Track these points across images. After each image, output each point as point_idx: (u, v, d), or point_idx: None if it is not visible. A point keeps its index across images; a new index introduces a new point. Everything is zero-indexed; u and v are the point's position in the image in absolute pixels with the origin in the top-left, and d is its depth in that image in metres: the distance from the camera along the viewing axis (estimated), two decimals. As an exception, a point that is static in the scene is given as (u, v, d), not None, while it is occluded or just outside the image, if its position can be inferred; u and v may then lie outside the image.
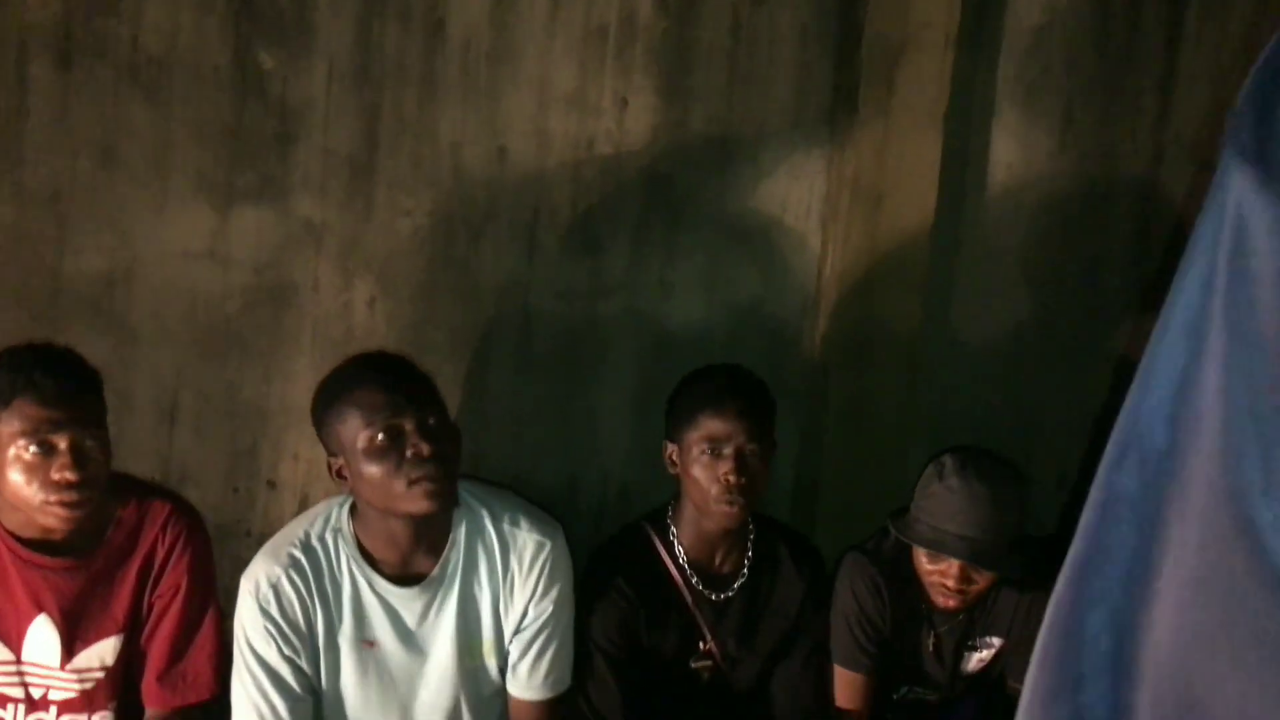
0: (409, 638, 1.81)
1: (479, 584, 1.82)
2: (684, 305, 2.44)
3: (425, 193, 2.29)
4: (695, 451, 1.90)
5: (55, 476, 1.62)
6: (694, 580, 1.99)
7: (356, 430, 1.72)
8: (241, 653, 1.78)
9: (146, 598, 1.79)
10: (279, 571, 1.77)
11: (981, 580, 1.93)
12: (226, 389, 2.26)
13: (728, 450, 1.88)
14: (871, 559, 2.03)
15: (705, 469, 1.89)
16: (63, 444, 1.63)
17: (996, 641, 2.08)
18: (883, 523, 2.08)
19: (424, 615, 1.81)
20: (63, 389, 1.64)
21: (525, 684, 1.86)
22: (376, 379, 1.75)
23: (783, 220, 2.46)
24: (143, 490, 1.83)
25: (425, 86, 2.24)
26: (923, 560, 1.96)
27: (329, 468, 1.80)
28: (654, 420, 2.47)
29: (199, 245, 2.21)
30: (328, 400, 1.79)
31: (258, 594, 1.76)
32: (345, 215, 2.26)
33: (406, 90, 2.24)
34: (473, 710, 1.86)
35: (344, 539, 1.80)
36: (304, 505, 2.34)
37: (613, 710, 1.93)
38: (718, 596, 1.99)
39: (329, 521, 1.82)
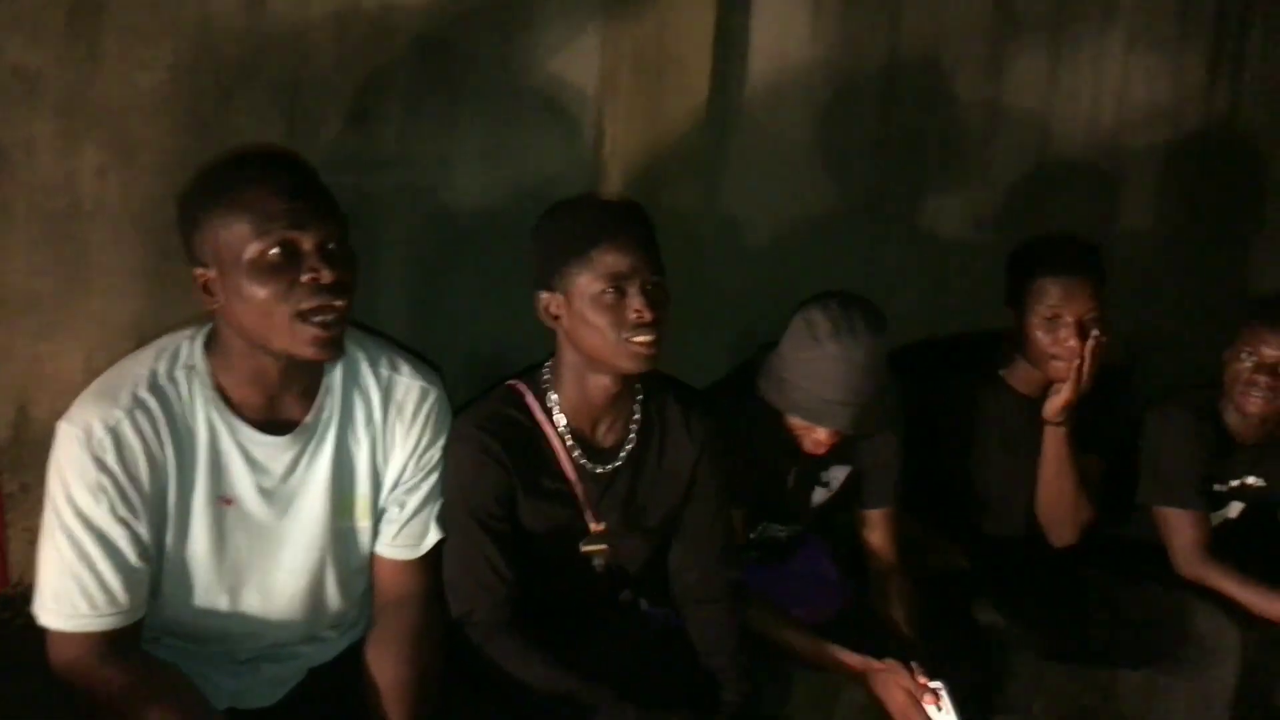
0: (273, 494, 1.54)
1: (354, 435, 1.58)
2: (463, 181, 2.28)
3: (166, 42, 1.97)
4: (593, 292, 1.64)
5: None
6: (575, 452, 1.76)
7: (243, 239, 1.42)
8: (59, 513, 1.44)
9: None
10: (119, 415, 1.43)
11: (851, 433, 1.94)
12: (-83, 273, 1.84)
13: (633, 287, 1.65)
14: (742, 392, 1.99)
15: (608, 310, 1.64)
16: None
17: (842, 472, 2.11)
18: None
19: (292, 468, 1.54)
20: None
21: (401, 541, 1.64)
22: (275, 180, 1.44)
23: (561, 94, 2.36)
24: None
25: (163, -85, 1.93)
26: (795, 419, 1.94)
27: (194, 279, 1.48)
28: (431, 299, 2.31)
29: None
30: (207, 197, 1.46)
31: (89, 442, 1.42)
32: (66, 64, 1.90)
33: (141, -83, 1.92)
34: (339, 581, 1.61)
35: (198, 378, 1.49)
36: (23, 414, 1.97)
37: (500, 584, 1.68)
38: (602, 469, 1.77)
39: (179, 358, 1.50)
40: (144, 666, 1.47)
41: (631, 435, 1.80)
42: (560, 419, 1.76)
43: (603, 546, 1.78)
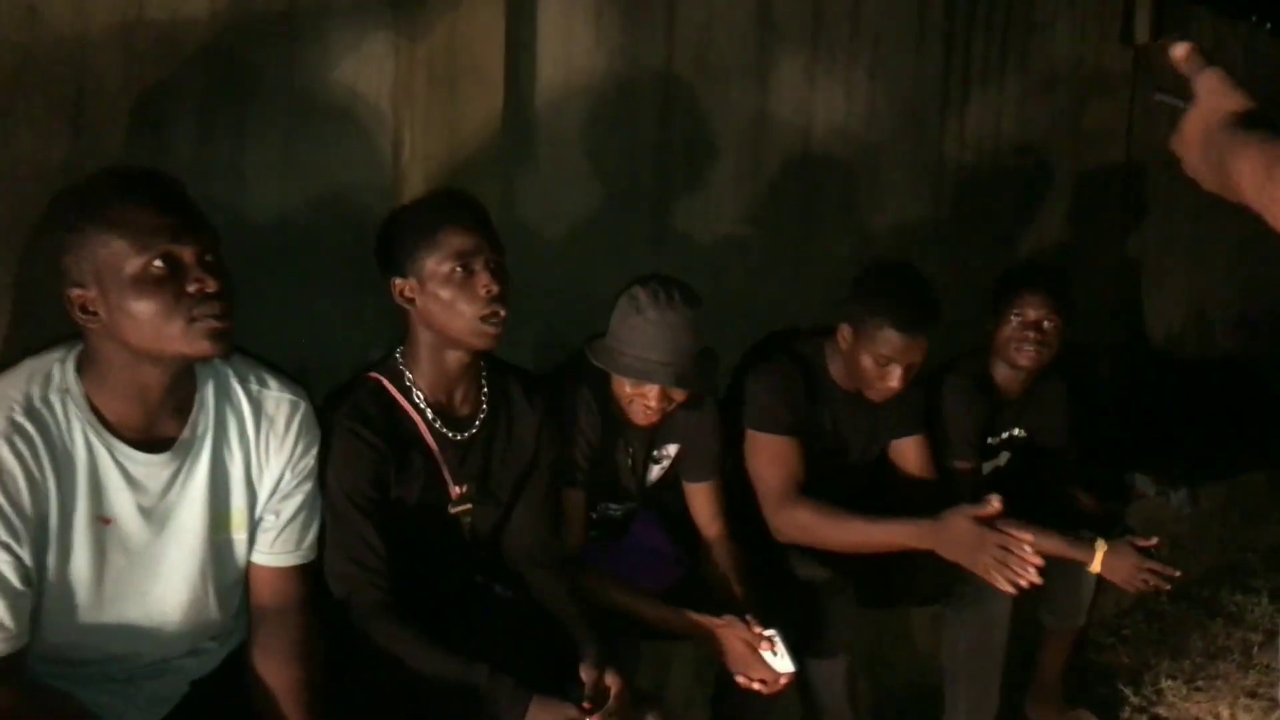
0: (151, 512, 1.53)
1: (229, 449, 1.60)
2: (259, 192, 2.26)
3: (-67, 55, 1.88)
4: (444, 273, 1.80)
5: None
6: (436, 423, 1.89)
7: (123, 256, 1.42)
8: None
9: None
10: None
11: (677, 397, 2.09)
12: None
13: (478, 264, 1.81)
14: (580, 380, 2.09)
15: (459, 288, 1.80)
16: None
17: (674, 449, 2.25)
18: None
19: (170, 485, 1.54)
20: None
21: (278, 548, 1.66)
22: (149, 196, 1.46)
23: (354, 103, 2.38)
24: None
25: (-76, -77, 1.84)
26: (625, 386, 2.08)
27: (68, 300, 1.45)
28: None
29: None
30: (79, 218, 1.44)
31: None
32: None
33: (-101, -75, 1.82)
34: (218, 594, 1.62)
35: (73, 400, 1.48)
36: None
37: (378, 563, 1.77)
38: (460, 437, 1.91)
39: (51, 381, 1.48)
40: (35, 692, 1.46)
41: (484, 405, 1.94)
42: (419, 395, 1.88)
43: (468, 506, 1.91)
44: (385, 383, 1.89)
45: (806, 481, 2.37)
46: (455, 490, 1.90)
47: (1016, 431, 2.83)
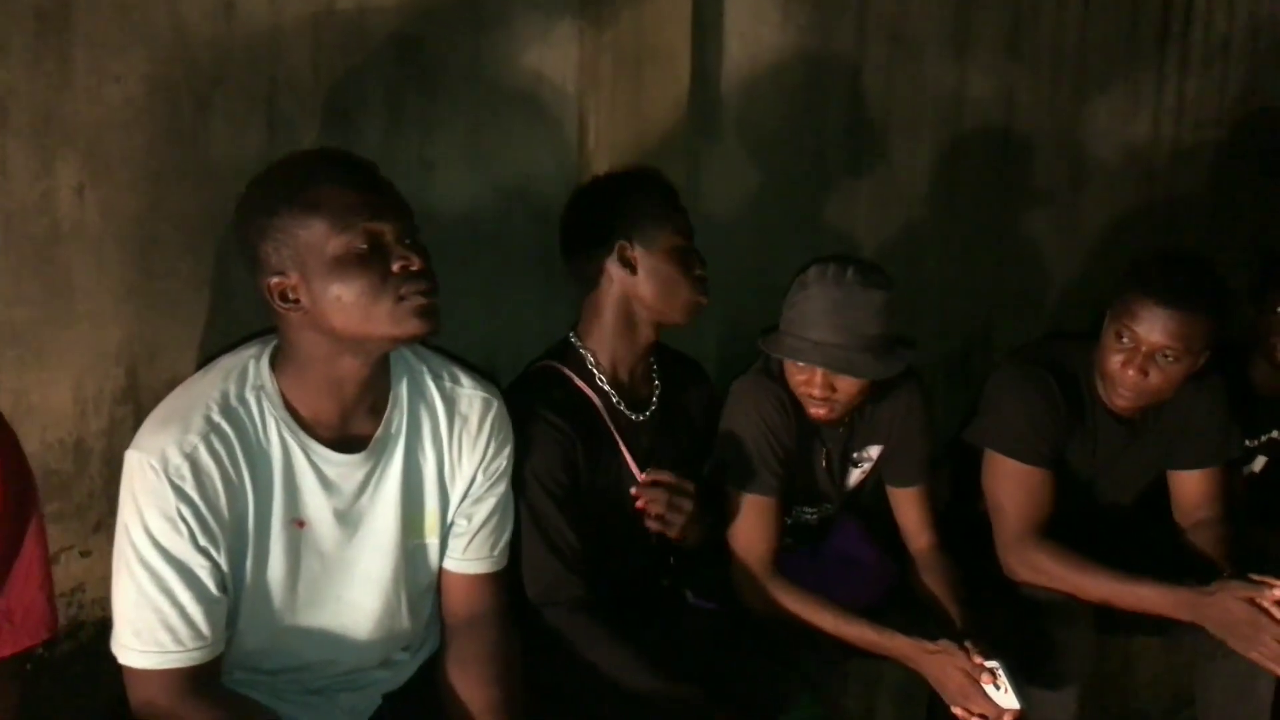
0: (345, 515, 1.48)
1: (422, 449, 1.53)
2: (446, 183, 2.23)
3: (137, 54, 1.90)
4: (673, 246, 1.84)
5: None
6: (619, 405, 1.83)
7: (324, 237, 1.36)
8: (135, 545, 1.36)
9: None
10: (194, 440, 1.36)
11: (843, 386, 1.88)
12: (-110, 306, 1.75)
13: (691, 244, 1.88)
14: (769, 379, 1.96)
15: (683, 264, 1.84)
16: None
17: (875, 450, 2.08)
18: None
19: (364, 487, 1.48)
20: None
21: (471, 554, 1.59)
22: (345, 176, 1.40)
23: (540, 90, 2.31)
24: None
25: (127, -78, 1.86)
26: (792, 372, 1.92)
27: (267, 290, 1.40)
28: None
29: None
30: (275, 202, 1.38)
31: (166, 469, 1.34)
32: (35, 80, 1.82)
33: (103, -75, 1.84)
34: (410, 601, 1.56)
35: (268, 398, 1.43)
36: (12, 449, 1.87)
37: (576, 558, 1.70)
38: (639, 418, 1.87)
39: (247, 378, 1.43)
40: (230, 702, 1.42)
41: (656, 384, 1.92)
42: (600, 377, 1.84)
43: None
44: (563, 369, 1.83)
45: (1053, 515, 2.09)
46: (642, 477, 1.81)
47: (1276, 434, 2.52)
